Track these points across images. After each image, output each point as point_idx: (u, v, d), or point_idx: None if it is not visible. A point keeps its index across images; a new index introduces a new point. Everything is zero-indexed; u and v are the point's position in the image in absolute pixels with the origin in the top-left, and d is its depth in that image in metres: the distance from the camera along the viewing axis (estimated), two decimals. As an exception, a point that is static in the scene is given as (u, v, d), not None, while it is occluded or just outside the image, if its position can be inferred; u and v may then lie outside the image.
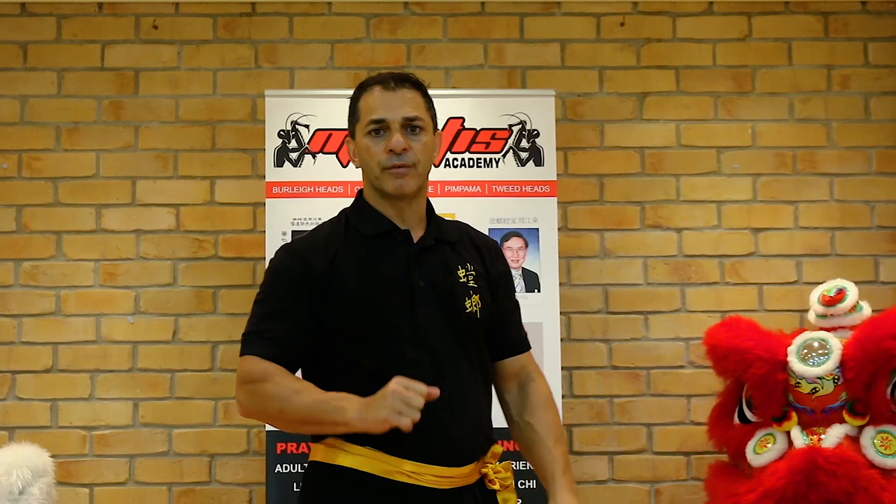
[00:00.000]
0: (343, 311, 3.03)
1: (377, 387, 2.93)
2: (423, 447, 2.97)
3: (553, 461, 3.16)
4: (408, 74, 3.19)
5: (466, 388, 3.08)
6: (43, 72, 5.52)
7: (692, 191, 5.54)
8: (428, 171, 3.19)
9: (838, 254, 5.52)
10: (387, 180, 3.09)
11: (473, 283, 3.15)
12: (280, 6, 5.58)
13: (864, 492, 4.40)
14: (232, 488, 5.34)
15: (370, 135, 3.11)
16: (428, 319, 3.05)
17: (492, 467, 3.12)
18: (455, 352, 3.07)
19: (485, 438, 3.13)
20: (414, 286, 3.07)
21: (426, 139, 3.14)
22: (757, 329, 4.91)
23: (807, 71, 5.62)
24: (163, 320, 5.41)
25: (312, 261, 3.07)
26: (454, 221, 3.38)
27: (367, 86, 3.18)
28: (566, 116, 5.54)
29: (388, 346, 3.02)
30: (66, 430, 5.34)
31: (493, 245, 3.36)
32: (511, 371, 3.29)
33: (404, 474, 2.96)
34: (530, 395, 3.26)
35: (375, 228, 3.14)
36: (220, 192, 5.47)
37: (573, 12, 5.62)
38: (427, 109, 3.18)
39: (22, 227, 5.42)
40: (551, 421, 3.23)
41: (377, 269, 3.08)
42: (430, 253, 3.15)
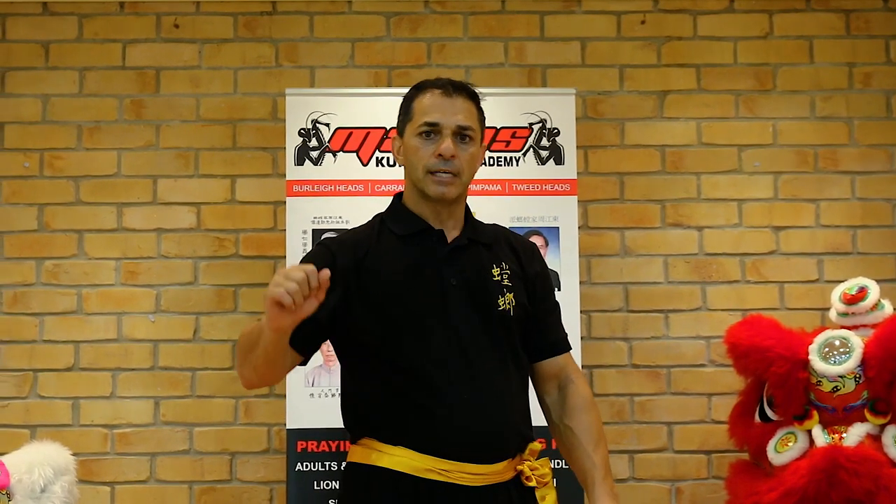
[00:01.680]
0: (374, 309, 3.05)
1: (408, 383, 2.99)
2: (453, 445, 2.98)
3: (593, 466, 3.16)
4: (466, 84, 3.24)
5: (498, 385, 3.08)
6: (64, 71, 5.54)
7: (713, 189, 5.53)
8: (470, 180, 3.22)
9: (860, 252, 5.50)
10: (430, 184, 3.12)
11: (508, 281, 3.16)
12: (301, 5, 5.59)
13: (886, 490, 4.39)
14: (253, 486, 5.35)
15: (421, 136, 3.14)
16: (460, 317, 3.07)
17: (528, 464, 3.13)
18: (487, 349, 3.08)
19: (519, 436, 3.13)
20: (446, 284, 3.09)
21: (474, 150, 3.19)
22: (778, 327, 4.91)
23: (828, 69, 5.61)
24: (184, 319, 5.42)
25: (339, 255, 3.10)
26: (492, 225, 3.40)
27: (424, 87, 3.22)
28: (586, 115, 5.53)
29: (419, 342, 3.03)
30: (88, 428, 5.36)
31: (530, 246, 3.38)
32: (550, 372, 3.30)
33: (436, 472, 2.98)
34: (569, 397, 3.26)
35: (409, 228, 3.17)
36: (240, 191, 5.48)
37: (594, 10, 5.61)
38: (479, 121, 3.24)
39: (44, 225, 5.44)
40: (591, 424, 3.22)
41: (409, 267, 3.10)
42: (464, 252, 3.17)
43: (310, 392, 4.77)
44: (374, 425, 3.09)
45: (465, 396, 3.00)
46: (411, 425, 3.01)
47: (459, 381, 3.00)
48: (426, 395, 3.01)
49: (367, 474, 3.05)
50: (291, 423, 4.77)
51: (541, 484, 3.14)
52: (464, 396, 3.00)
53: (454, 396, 3.00)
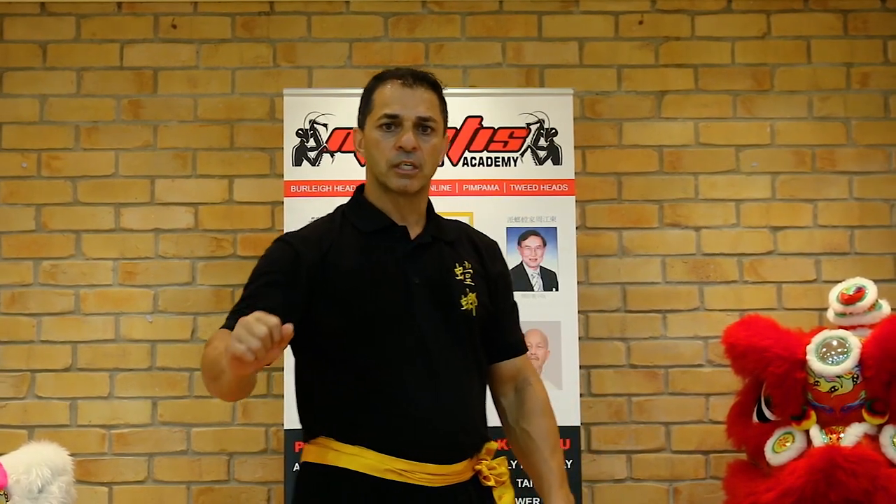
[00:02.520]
0: (336, 305, 2.99)
1: (369, 382, 2.94)
2: (413, 445, 2.94)
3: (549, 472, 3.12)
4: (426, 73, 3.15)
5: (460, 384, 3.04)
6: (62, 71, 5.54)
7: (711, 189, 5.53)
8: (432, 173, 3.14)
9: (857, 252, 5.50)
10: (392, 178, 3.05)
11: (470, 280, 3.11)
12: (298, 5, 5.59)
13: (884, 491, 4.40)
14: (250, 487, 5.35)
15: (381, 128, 3.06)
16: (422, 316, 3.01)
17: (486, 464, 3.08)
18: (449, 348, 3.03)
19: (479, 436, 3.09)
20: (409, 282, 3.03)
21: (436, 141, 3.10)
22: (776, 328, 4.91)
23: (826, 69, 5.61)
24: (181, 319, 5.42)
25: (303, 252, 3.03)
26: (454, 220, 3.32)
27: (384, 78, 3.14)
28: (584, 115, 5.53)
29: (381, 341, 2.98)
30: (86, 428, 5.36)
31: (492, 244, 3.31)
32: (507, 374, 3.24)
33: (396, 472, 2.92)
34: (527, 400, 3.21)
35: (372, 224, 3.10)
36: (238, 191, 5.48)
37: (591, 11, 5.62)
38: (441, 112, 3.15)
39: (41, 226, 5.44)
40: (548, 429, 3.18)
41: (372, 265, 3.04)
42: (427, 250, 3.11)
43: (307, 392, 4.77)
44: (332, 424, 3.02)
45: (426, 396, 2.95)
46: (371, 425, 2.95)
47: (421, 380, 2.95)
48: (387, 395, 2.96)
49: (324, 475, 2.99)
50: (289, 424, 4.78)
51: (498, 483, 3.09)
52: (425, 396, 2.95)
53: (416, 396, 2.95)
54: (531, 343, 4.88)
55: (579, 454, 4.94)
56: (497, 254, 3.30)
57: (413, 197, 3.11)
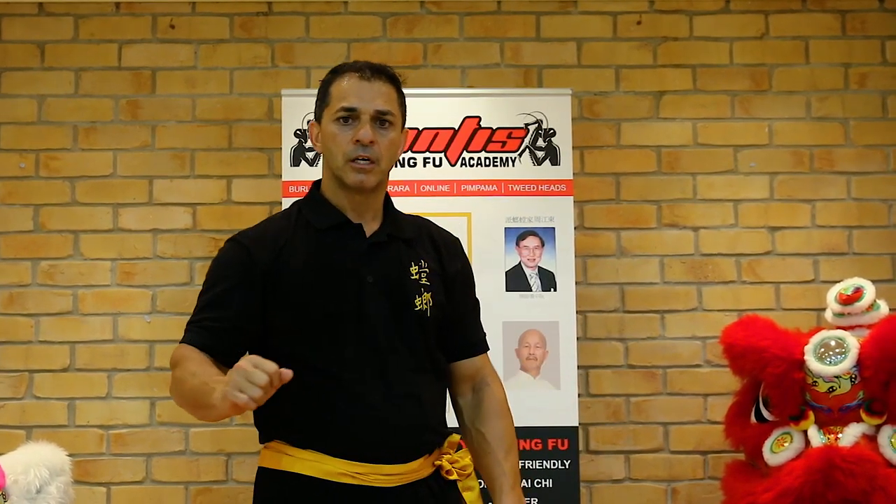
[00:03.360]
0: (287, 305, 2.96)
1: (319, 385, 2.91)
2: (365, 447, 2.92)
3: (502, 474, 3.10)
4: (385, 67, 3.12)
5: (412, 386, 3.00)
6: (60, 71, 5.54)
7: (709, 189, 5.53)
8: (390, 168, 3.11)
9: (855, 252, 5.50)
10: (348, 173, 3.01)
11: (426, 280, 3.07)
12: (296, 5, 5.59)
13: (882, 491, 4.39)
14: (249, 487, 5.28)
15: (338, 122, 3.03)
16: (375, 316, 2.98)
17: (447, 458, 3.07)
18: (402, 350, 3.00)
19: (435, 433, 3.06)
20: (362, 281, 3.00)
21: (393, 136, 3.07)
22: (774, 328, 4.91)
23: (824, 69, 5.61)
24: (179, 319, 5.38)
25: (256, 252, 3.02)
26: (414, 217, 3.29)
27: (341, 71, 3.10)
28: (582, 115, 5.53)
29: (332, 341, 2.95)
30: (84, 429, 5.35)
31: (452, 242, 3.27)
32: (465, 374, 3.21)
33: (349, 476, 2.90)
34: (483, 401, 3.19)
35: (327, 221, 3.07)
36: (236, 192, 5.48)
37: (589, 11, 5.62)
38: (399, 105, 3.11)
39: (39, 226, 5.44)
40: (504, 430, 3.16)
41: (325, 263, 3.01)
42: (382, 248, 3.07)
43: (306, 393, 4.76)
44: (284, 428, 3.00)
45: (376, 398, 2.92)
46: (322, 428, 2.93)
47: (371, 382, 2.93)
48: (337, 397, 2.93)
49: (279, 480, 2.98)
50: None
51: (462, 476, 3.08)
52: (375, 398, 2.92)
53: (365, 398, 2.92)
54: (529, 343, 4.88)
55: (577, 454, 4.94)
56: (457, 251, 3.26)
57: (369, 193, 3.07)
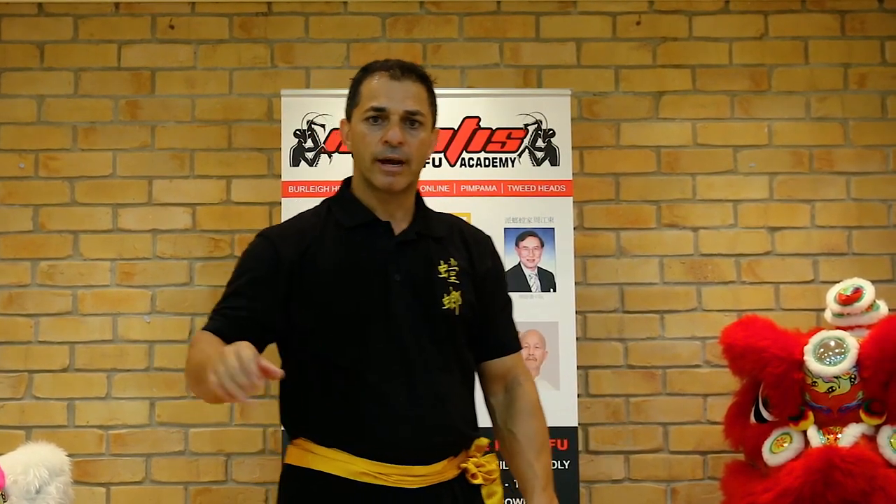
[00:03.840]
0: (312, 303, 2.95)
1: (343, 384, 2.90)
2: (386, 447, 2.89)
3: (533, 476, 3.06)
4: (415, 66, 3.11)
5: (438, 385, 2.97)
6: (60, 72, 5.53)
7: (708, 190, 5.53)
8: (420, 168, 3.08)
9: (855, 253, 5.50)
10: (377, 174, 2.99)
11: (455, 278, 3.03)
12: (296, 6, 5.59)
13: (881, 491, 4.39)
14: (248, 487, 5.34)
15: (367, 121, 3.01)
16: (401, 315, 2.96)
17: (473, 461, 3.03)
18: (428, 348, 2.97)
19: (459, 435, 3.02)
20: (390, 280, 2.97)
21: (423, 136, 3.04)
22: (773, 328, 4.91)
23: (823, 69, 5.61)
24: (179, 319, 5.42)
25: (282, 248, 3.01)
26: (447, 215, 3.26)
27: (371, 70, 3.10)
28: (582, 115, 5.53)
29: (357, 340, 2.93)
30: (83, 429, 5.35)
31: (483, 241, 3.23)
32: (496, 373, 3.17)
33: (372, 475, 2.88)
34: (515, 401, 3.14)
35: (355, 219, 3.04)
36: (236, 192, 5.48)
37: (589, 11, 5.62)
38: (429, 105, 3.09)
39: (39, 226, 5.44)
40: (535, 431, 3.12)
41: (353, 261, 2.99)
42: (411, 247, 3.04)
43: (305, 393, 4.77)
44: (309, 426, 3.00)
45: (400, 398, 2.90)
46: (345, 428, 2.91)
47: (396, 381, 2.91)
48: (361, 397, 2.91)
49: (303, 477, 2.97)
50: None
51: (487, 481, 3.04)
52: (399, 398, 2.90)
53: (389, 398, 2.90)
54: (529, 343, 4.88)
55: (577, 455, 4.94)
56: (488, 250, 3.21)
57: (399, 193, 3.04)
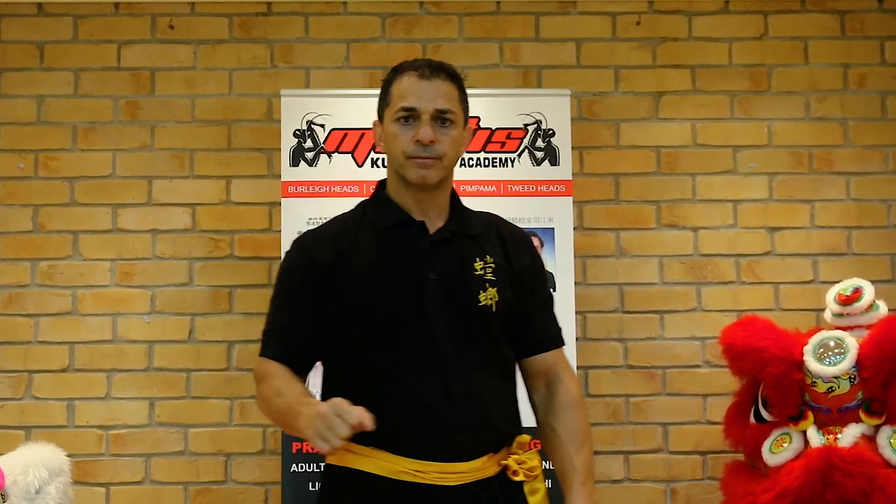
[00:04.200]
0: (348, 304, 2.97)
1: (379, 383, 2.92)
2: (422, 445, 2.91)
3: (572, 470, 3.06)
4: (445, 64, 3.10)
5: (474, 383, 2.97)
6: (59, 72, 5.53)
7: (708, 190, 5.53)
8: (454, 164, 3.10)
9: (855, 253, 5.50)
10: (410, 169, 3.00)
11: (491, 275, 3.04)
12: (296, 6, 5.59)
13: (881, 491, 4.39)
14: (248, 487, 5.34)
15: (399, 122, 3.02)
16: (436, 314, 2.97)
17: (514, 458, 3.04)
18: (464, 346, 2.98)
19: (498, 431, 3.02)
20: (424, 279, 2.99)
21: (455, 133, 3.05)
22: (773, 328, 4.90)
23: (823, 70, 5.61)
24: (179, 320, 5.42)
25: (317, 252, 3.03)
26: (485, 213, 3.27)
27: (401, 70, 3.09)
28: (582, 116, 5.53)
29: (392, 341, 2.95)
30: (83, 429, 5.35)
31: (521, 237, 3.25)
32: (537, 370, 3.18)
33: (409, 473, 2.90)
34: (556, 396, 3.14)
35: (390, 219, 3.07)
36: (235, 192, 5.48)
37: (589, 11, 5.61)
38: (460, 102, 3.09)
39: (38, 226, 5.44)
40: (576, 425, 3.11)
41: (387, 262, 3.01)
42: (446, 245, 3.06)
43: (305, 393, 4.77)
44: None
45: (436, 396, 2.91)
46: (382, 427, 2.86)
47: (431, 379, 2.92)
48: (396, 396, 2.92)
49: (343, 476, 2.99)
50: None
51: (529, 477, 3.04)
52: (435, 396, 2.91)
53: (423, 397, 2.92)
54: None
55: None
56: (525, 246, 3.22)
57: (433, 190, 3.06)
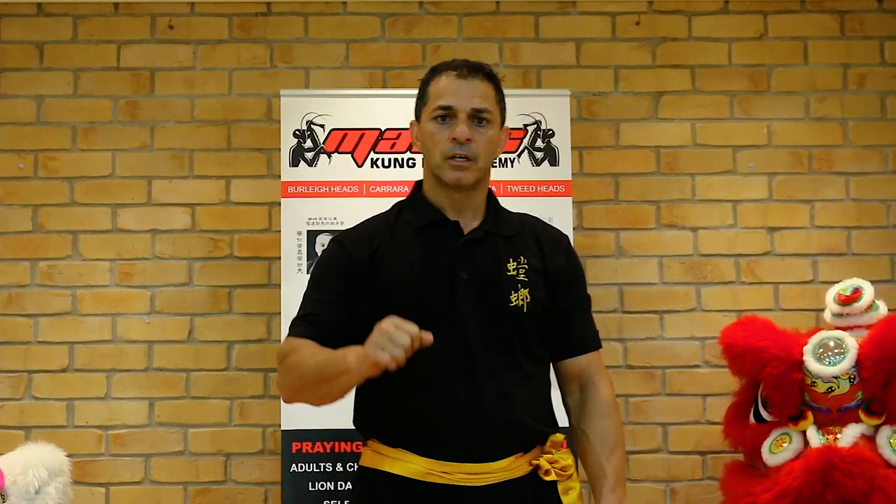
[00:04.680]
0: (381, 303, 2.96)
1: (410, 384, 2.92)
2: (448, 446, 2.92)
3: (602, 475, 3.08)
4: (483, 64, 3.14)
5: (502, 384, 2.98)
6: (59, 72, 5.53)
7: (708, 190, 5.53)
8: (489, 165, 3.12)
9: (854, 253, 5.50)
10: (446, 170, 3.03)
11: (524, 276, 3.05)
12: (295, 6, 5.58)
13: (881, 491, 4.39)
14: (247, 488, 5.34)
15: (436, 120, 3.05)
16: (467, 314, 2.98)
17: (546, 458, 3.05)
18: (494, 347, 2.99)
19: (527, 431, 3.03)
20: (456, 278, 3.00)
21: (491, 133, 3.08)
22: (773, 328, 4.90)
23: (823, 70, 5.61)
24: (178, 320, 5.42)
25: (353, 251, 3.06)
26: (522, 214, 3.29)
27: (439, 70, 3.13)
28: (581, 116, 5.53)
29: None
30: (82, 429, 5.35)
31: (557, 238, 3.24)
32: (571, 373, 3.20)
33: (436, 475, 2.91)
34: (588, 401, 3.16)
35: (424, 219, 3.09)
36: (235, 192, 5.48)
37: (588, 11, 5.61)
38: (497, 103, 3.13)
39: (38, 226, 5.43)
40: (607, 431, 3.13)
41: (420, 261, 3.03)
42: (480, 245, 3.07)
43: (305, 393, 4.77)
44: (377, 427, 3.04)
45: (462, 396, 2.92)
46: (409, 427, 2.95)
47: (458, 380, 2.93)
48: (422, 396, 2.94)
49: (374, 478, 3.01)
50: (286, 425, 4.77)
51: (562, 476, 3.05)
52: (461, 396, 2.92)
53: (450, 396, 2.93)
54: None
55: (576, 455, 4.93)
56: (561, 248, 3.22)
57: (469, 191, 3.08)
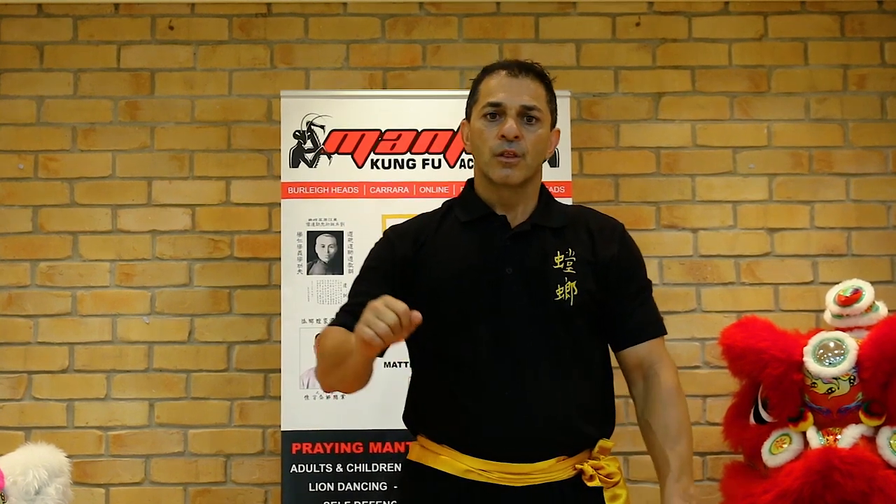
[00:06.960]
0: (425, 299, 2.94)
1: (451, 380, 2.94)
2: (490, 445, 2.92)
3: (665, 464, 3.08)
4: (534, 64, 3.14)
5: (548, 380, 2.97)
6: (59, 72, 5.53)
7: (708, 191, 5.53)
8: (539, 164, 3.10)
9: (854, 254, 5.50)
10: (494, 168, 3.03)
11: (571, 269, 3.02)
12: (295, 7, 5.58)
13: (881, 492, 4.39)
14: (247, 488, 5.34)
15: (485, 118, 3.06)
16: (511, 308, 2.97)
17: (591, 463, 3.03)
18: (539, 342, 2.97)
19: (573, 432, 3.02)
20: (502, 273, 2.99)
21: (541, 132, 3.07)
22: (773, 329, 4.90)
23: (823, 71, 5.61)
24: (178, 321, 5.42)
25: (398, 245, 3.08)
26: (575, 207, 3.30)
27: (491, 69, 3.16)
28: (581, 116, 5.53)
29: (467, 336, 2.95)
30: (82, 430, 5.35)
31: (610, 227, 3.19)
32: (633, 362, 3.17)
33: (476, 472, 2.92)
34: (651, 390, 3.12)
35: (471, 214, 3.09)
36: (235, 193, 5.48)
37: (588, 12, 5.61)
38: (547, 102, 3.12)
39: (38, 227, 5.43)
40: (670, 420, 3.09)
41: (466, 255, 3.03)
42: (526, 239, 3.06)
43: (304, 394, 4.77)
44: (424, 423, 3.06)
45: (504, 393, 2.91)
46: (452, 424, 2.95)
47: (501, 376, 2.92)
48: (465, 393, 2.93)
49: (418, 474, 3.03)
50: (286, 425, 4.77)
51: (607, 483, 3.03)
52: (503, 393, 2.91)
53: (493, 393, 2.92)
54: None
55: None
56: (613, 237, 3.17)
57: (517, 188, 3.07)
